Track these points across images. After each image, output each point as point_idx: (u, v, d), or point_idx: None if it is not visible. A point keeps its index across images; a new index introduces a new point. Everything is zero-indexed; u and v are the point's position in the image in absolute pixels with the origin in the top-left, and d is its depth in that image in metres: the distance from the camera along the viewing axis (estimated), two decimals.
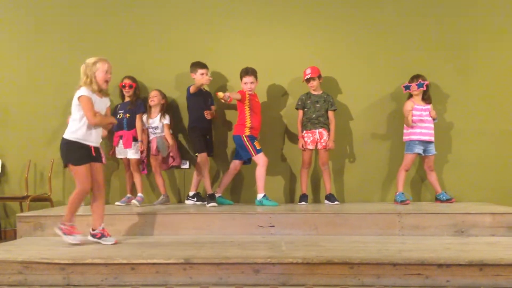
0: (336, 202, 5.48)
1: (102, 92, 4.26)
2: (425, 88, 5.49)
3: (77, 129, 4.14)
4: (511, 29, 5.85)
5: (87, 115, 4.11)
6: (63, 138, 4.18)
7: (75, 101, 4.16)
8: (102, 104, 4.29)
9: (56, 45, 6.11)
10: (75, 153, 4.12)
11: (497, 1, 5.87)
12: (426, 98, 5.56)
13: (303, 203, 5.53)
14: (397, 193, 5.48)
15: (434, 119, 5.51)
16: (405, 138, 5.56)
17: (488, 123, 5.80)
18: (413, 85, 5.50)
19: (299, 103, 5.67)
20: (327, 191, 5.63)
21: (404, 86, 5.56)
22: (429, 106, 5.52)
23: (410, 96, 5.59)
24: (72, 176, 4.24)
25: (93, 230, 4.28)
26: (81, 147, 4.14)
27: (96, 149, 4.24)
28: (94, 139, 4.21)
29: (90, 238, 4.27)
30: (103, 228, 4.27)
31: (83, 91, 4.13)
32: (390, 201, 5.72)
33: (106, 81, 4.23)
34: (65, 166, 4.24)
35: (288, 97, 5.98)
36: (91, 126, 4.15)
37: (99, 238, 4.25)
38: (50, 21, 6.14)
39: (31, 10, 6.16)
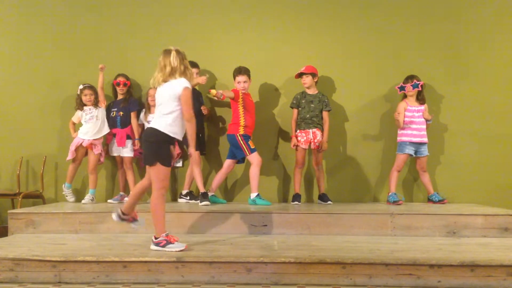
0: (329, 202, 5.49)
1: None
2: (420, 89, 5.51)
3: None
4: (503, 32, 5.88)
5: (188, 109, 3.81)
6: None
7: (174, 92, 3.82)
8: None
9: (49, 42, 6.08)
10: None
11: (490, 4, 5.90)
12: (420, 99, 5.58)
13: (296, 202, 5.53)
14: (389, 194, 5.49)
15: (428, 121, 5.52)
16: (398, 138, 5.58)
17: (481, 124, 5.82)
18: (408, 86, 5.51)
19: (294, 102, 5.67)
20: (320, 191, 5.64)
21: (398, 87, 5.58)
22: (422, 107, 5.53)
23: (405, 97, 5.60)
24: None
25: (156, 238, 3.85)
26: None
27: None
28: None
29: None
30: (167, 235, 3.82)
31: (186, 82, 3.85)
32: (383, 201, 5.74)
33: None
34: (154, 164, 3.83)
35: (281, 96, 5.98)
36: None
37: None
38: (42, 18, 6.09)
39: (24, 7, 6.12)
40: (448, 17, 5.90)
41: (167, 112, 3.83)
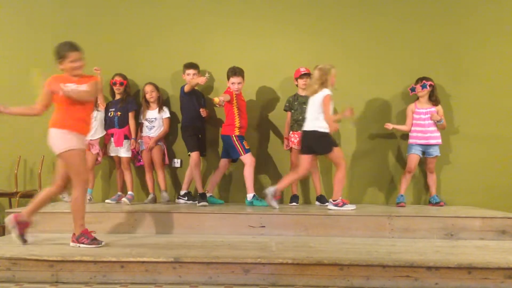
0: (327, 204, 5.50)
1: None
2: (429, 89, 5.53)
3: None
4: (504, 33, 5.91)
5: (328, 111, 5.03)
6: (317, 131, 5.02)
7: (319, 100, 5.01)
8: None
9: (47, 42, 6.02)
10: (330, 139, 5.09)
11: (490, 6, 5.92)
12: (433, 100, 5.60)
13: (294, 203, 5.54)
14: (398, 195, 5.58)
15: (438, 121, 5.51)
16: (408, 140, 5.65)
17: (480, 127, 5.84)
18: (417, 87, 5.54)
19: (287, 104, 5.68)
20: (318, 192, 5.64)
21: (410, 89, 5.61)
22: (432, 109, 5.54)
23: (417, 99, 5.63)
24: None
25: (334, 200, 5.10)
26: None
27: None
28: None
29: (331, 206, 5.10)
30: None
31: (327, 91, 5.04)
32: (381, 203, 5.74)
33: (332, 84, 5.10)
34: (329, 152, 5.06)
35: (277, 98, 5.97)
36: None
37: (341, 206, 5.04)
38: (41, 17, 6.10)
39: (23, 7, 6.13)
40: (449, 18, 5.92)
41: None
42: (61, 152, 3.90)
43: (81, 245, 3.90)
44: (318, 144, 5.06)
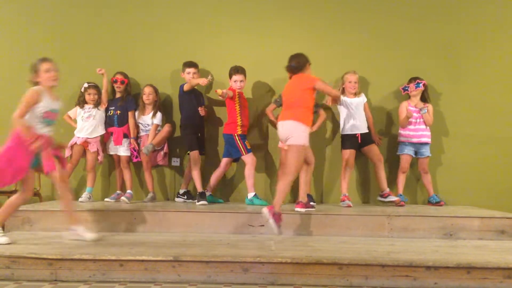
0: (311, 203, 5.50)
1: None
2: (422, 88, 5.53)
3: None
4: (503, 33, 5.91)
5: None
6: None
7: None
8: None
9: (47, 40, 6.06)
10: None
11: (489, 5, 5.92)
12: (424, 100, 5.62)
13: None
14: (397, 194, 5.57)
15: (421, 109, 5.50)
16: (398, 139, 5.63)
17: (480, 126, 5.85)
18: (411, 86, 5.55)
19: (278, 100, 5.51)
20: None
21: (402, 88, 5.61)
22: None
23: (409, 98, 5.64)
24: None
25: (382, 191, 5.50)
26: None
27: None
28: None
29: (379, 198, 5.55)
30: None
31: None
32: (380, 202, 5.73)
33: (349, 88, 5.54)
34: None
35: (274, 96, 5.94)
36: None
37: (386, 197, 5.46)
38: (40, 16, 6.09)
39: (22, 5, 6.12)
40: (448, 17, 5.93)
41: None
42: (298, 144, 4.45)
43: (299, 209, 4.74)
44: None
